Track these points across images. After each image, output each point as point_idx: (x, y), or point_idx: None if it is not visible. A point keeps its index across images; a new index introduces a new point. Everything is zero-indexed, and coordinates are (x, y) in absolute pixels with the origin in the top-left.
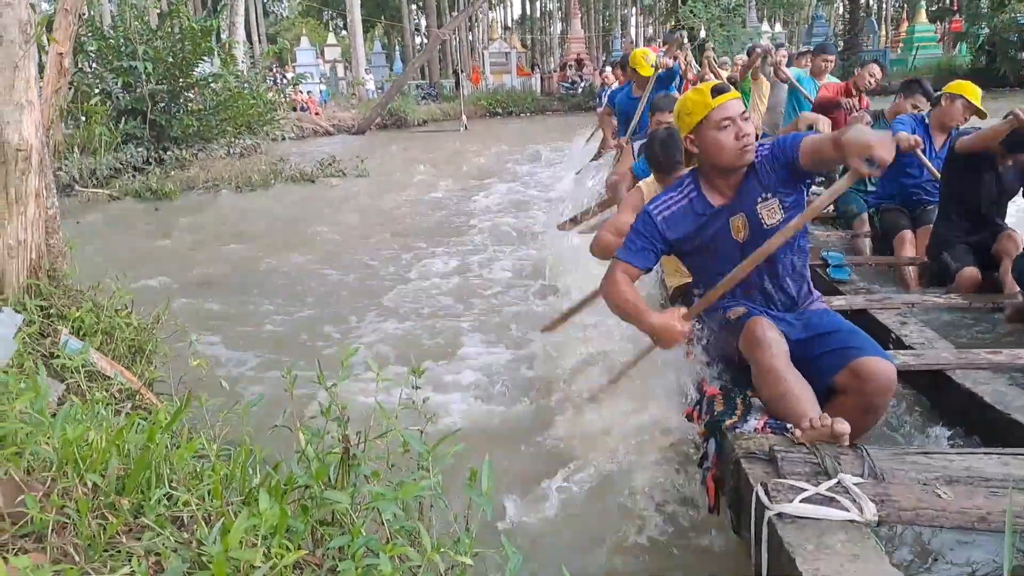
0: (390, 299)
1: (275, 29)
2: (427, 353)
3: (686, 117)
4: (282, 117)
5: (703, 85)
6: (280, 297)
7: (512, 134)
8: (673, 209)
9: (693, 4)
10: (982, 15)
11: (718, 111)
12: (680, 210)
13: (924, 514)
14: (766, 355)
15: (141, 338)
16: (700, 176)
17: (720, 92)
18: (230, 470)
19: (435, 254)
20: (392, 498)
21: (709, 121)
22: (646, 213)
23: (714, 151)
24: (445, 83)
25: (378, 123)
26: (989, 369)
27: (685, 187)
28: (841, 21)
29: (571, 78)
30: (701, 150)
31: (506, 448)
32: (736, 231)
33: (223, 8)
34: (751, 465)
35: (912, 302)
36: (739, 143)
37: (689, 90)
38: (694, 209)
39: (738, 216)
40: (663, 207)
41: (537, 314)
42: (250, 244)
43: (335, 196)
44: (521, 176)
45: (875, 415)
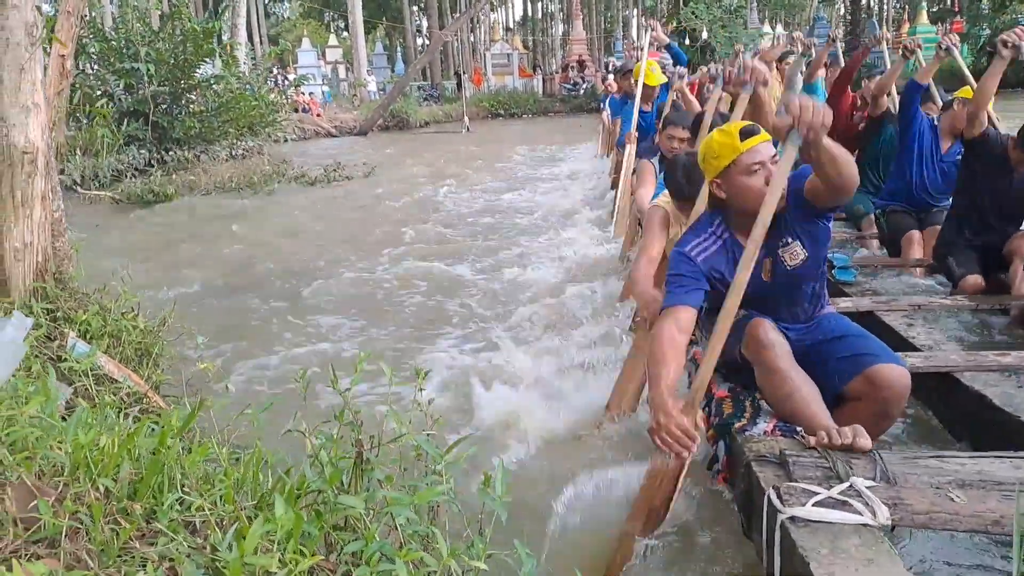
0: (399, 303)
1: (276, 30)
2: (431, 359)
3: (713, 161)
4: (284, 119)
5: (731, 126)
6: (285, 300)
7: (515, 135)
8: (710, 251)
9: (695, 5)
10: (983, 16)
11: (748, 155)
12: (717, 251)
13: (937, 518)
14: (770, 356)
15: (148, 341)
16: (728, 219)
17: (749, 135)
18: (241, 474)
19: (440, 258)
20: (408, 503)
21: (738, 166)
22: (683, 256)
23: (744, 197)
24: (447, 84)
25: (380, 124)
26: (998, 371)
27: (716, 228)
28: (842, 22)
29: (573, 79)
30: (729, 196)
31: (512, 449)
32: (765, 272)
33: (225, 10)
34: (762, 468)
35: (918, 304)
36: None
37: (715, 131)
38: (728, 252)
39: (767, 259)
40: (699, 249)
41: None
42: (253, 247)
43: (340, 199)
44: (529, 179)
45: (889, 421)
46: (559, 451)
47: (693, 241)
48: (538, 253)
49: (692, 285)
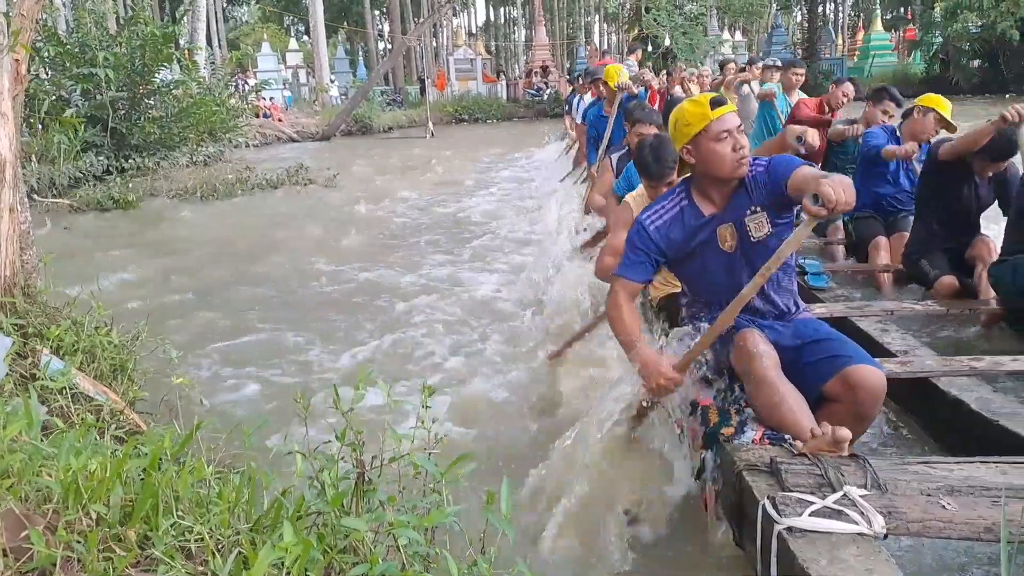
0: (370, 312)
1: (235, 34)
2: (413, 370)
3: (684, 128)
4: (245, 124)
5: (701, 97)
6: (254, 310)
7: (480, 140)
8: (665, 218)
9: (656, 13)
10: (935, 24)
11: (717, 123)
12: (671, 218)
13: (931, 526)
14: (759, 366)
15: (122, 356)
16: (692, 185)
17: (719, 104)
18: (235, 497)
19: (409, 265)
20: (416, 524)
21: (708, 133)
22: (639, 224)
23: (712, 162)
24: (411, 89)
25: (343, 129)
26: (972, 376)
27: (676, 196)
28: (800, 30)
29: (537, 85)
30: (698, 161)
31: (503, 465)
32: (723, 240)
33: (184, 14)
34: (754, 478)
35: (891, 309)
36: (736, 155)
37: (686, 101)
38: (684, 217)
39: (727, 226)
40: (655, 216)
41: (527, 328)
42: (219, 256)
43: (305, 205)
44: (496, 183)
45: (865, 422)
46: (556, 464)
47: (654, 207)
48: (511, 257)
49: (642, 258)
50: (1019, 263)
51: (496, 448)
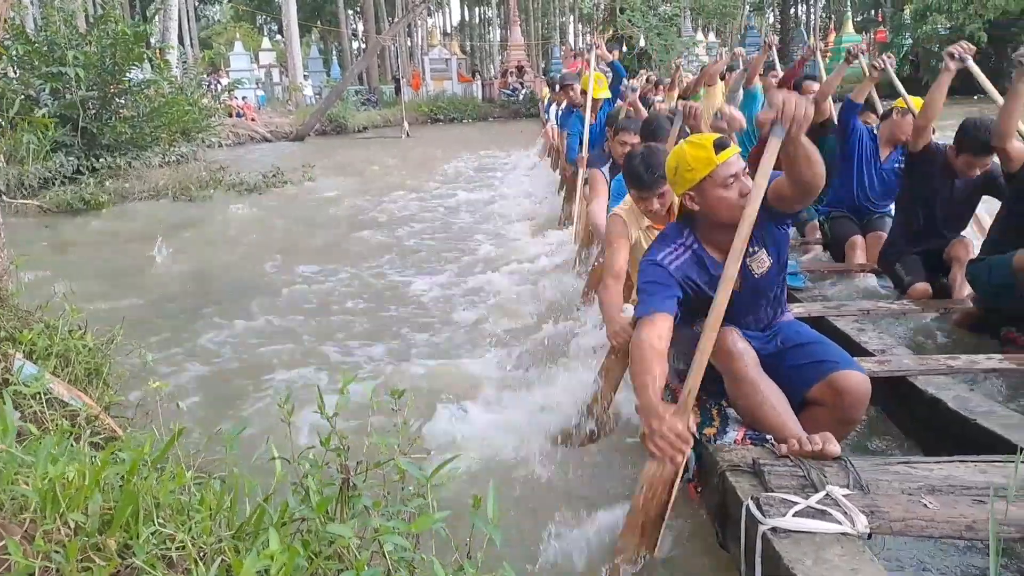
0: (350, 312)
1: (207, 33)
2: (395, 370)
3: (687, 173)
4: (218, 124)
5: (703, 139)
6: (231, 312)
7: (455, 140)
8: (682, 259)
9: (631, 14)
10: (905, 26)
11: (723, 168)
12: (688, 261)
13: (914, 525)
14: (739, 365)
15: (97, 360)
16: (697, 231)
17: (723, 147)
18: (216, 503)
19: (387, 264)
20: (404, 531)
21: (714, 179)
22: (655, 264)
23: (720, 209)
24: (385, 89)
25: (317, 129)
26: (949, 375)
27: (686, 239)
28: (772, 31)
29: (512, 85)
30: (703, 208)
31: (486, 468)
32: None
33: (155, 13)
34: (737, 478)
35: (867, 308)
36: (743, 200)
37: (685, 143)
38: (703, 264)
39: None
40: (671, 258)
41: (514, 329)
42: (193, 256)
43: (281, 206)
44: (473, 182)
45: (851, 425)
46: (542, 468)
47: (664, 251)
48: (487, 258)
49: (666, 292)
50: (995, 262)
51: (482, 449)
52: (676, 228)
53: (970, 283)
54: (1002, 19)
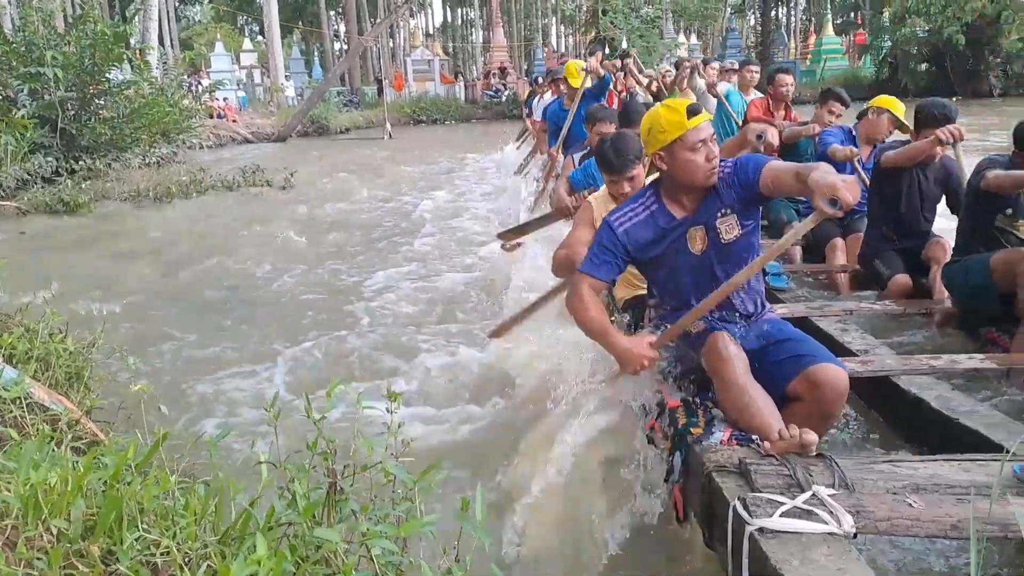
0: (331, 314)
1: (187, 34)
2: (374, 371)
3: (659, 135)
4: (199, 125)
5: (676, 103)
6: (214, 314)
7: (438, 142)
8: (634, 220)
9: (613, 16)
10: (884, 29)
11: (693, 132)
12: (641, 221)
13: (899, 524)
14: (729, 369)
15: (78, 364)
16: (661, 189)
17: (695, 113)
18: (202, 508)
19: (374, 265)
20: (392, 535)
21: (684, 142)
22: (607, 225)
23: (686, 171)
24: (367, 90)
25: (299, 130)
26: (931, 374)
27: (646, 199)
28: (753, 33)
29: (495, 86)
30: (670, 168)
31: (468, 468)
32: (693, 243)
33: (136, 13)
34: (724, 479)
35: (850, 309)
36: (709, 164)
37: (660, 106)
38: (655, 221)
39: (697, 228)
40: (624, 219)
41: (485, 325)
42: (175, 259)
43: (262, 207)
44: (454, 183)
45: (829, 421)
46: (513, 466)
47: (623, 210)
48: (478, 258)
49: (608, 258)
50: (970, 264)
51: (467, 449)
52: (643, 191)
53: (946, 286)
54: (979, 22)
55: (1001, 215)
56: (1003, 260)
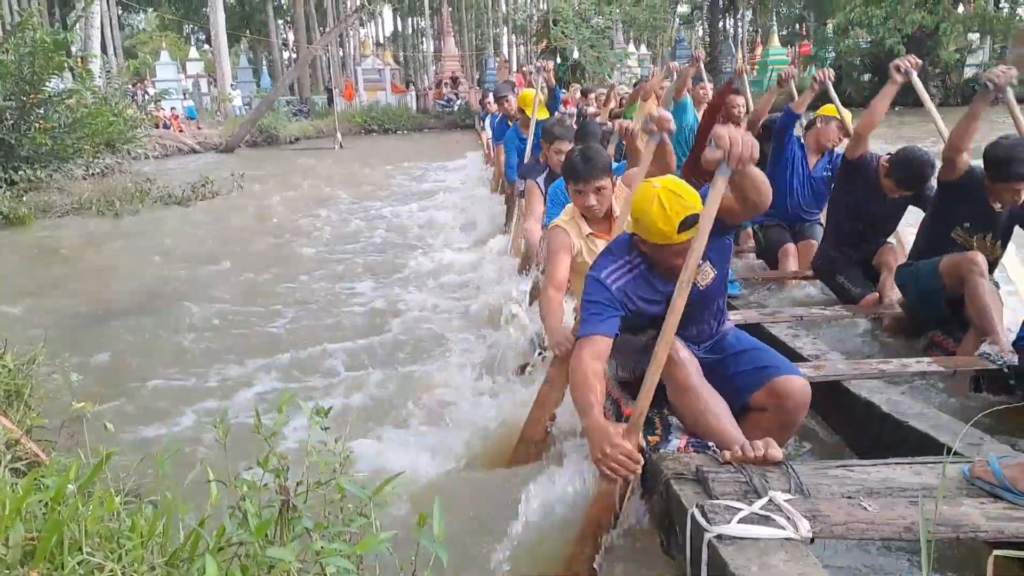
0: (282, 327)
1: (131, 42)
2: (332, 384)
3: (643, 232)
4: (144, 135)
5: (673, 212)
6: (159, 328)
7: (390, 152)
8: (627, 278)
9: (564, 26)
10: (828, 40)
11: (679, 246)
12: (633, 280)
13: (854, 528)
14: (682, 373)
15: (17, 381)
16: (644, 255)
17: (688, 227)
18: (148, 529)
19: (325, 277)
20: (349, 553)
21: (667, 249)
22: (599, 282)
23: (663, 265)
24: (317, 99)
25: (248, 140)
26: (881, 379)
27: (633, 259)
28: (701, 44)
29: (447, 96)
30: (649, 254)
31: (433, 482)
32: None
33: (77, 20)
34: (681, 486)
35: (800, 315)
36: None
37: (657, 200)
38: (650, 282)
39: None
40: (616, 276)
41: (450, 339)
42: (120, 272)
43: (211, 218)
44: (408, 195)
45: (791, 430)
46: (479, 482)
47: (609, 267)
48: (425, 272)
49: (607, 313)
50: (921, 268)
51: (424, 463)
52: (623, 245)
53: (899, 288)
54: (919, 33)
55: (958, 227)
56: (952, 265)
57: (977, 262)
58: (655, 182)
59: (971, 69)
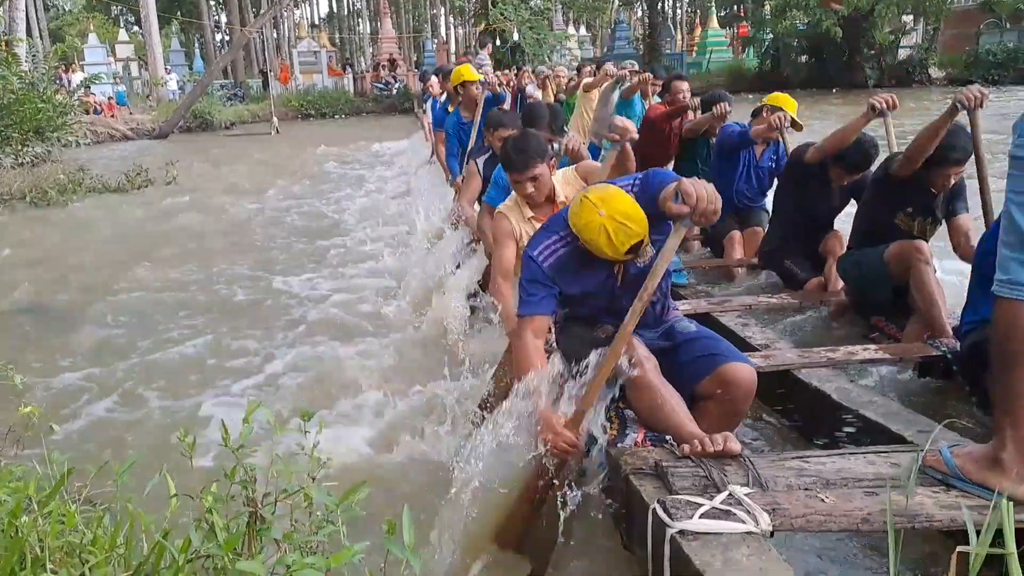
0: (228, 323)
1: (57, 24)
2: (285, 383)
3: (589, 241)
4: (74, 121)
5: (624, 237)
6: (103, 326)
7: (328, 137)
8: (557, 255)
9: (503, 7)
10: (766, 21)
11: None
12: (564, 257)
13: (813, 520)
14: (640, 372)
15: None
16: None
17: (634, 252)
18: (110, 543)
19: (268, 268)
20: (323, 566)
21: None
22: (531, 260)
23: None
24: (252, 83)
25: (182, 126)
26: (829, 367)
27: (567, 234)
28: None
29: (385, 79)
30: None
31: (386, 482)
32: (620, 278)
33: (0, 2)
34: (641, 482)
35: (749, 304)
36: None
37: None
38: (580, 258)
39: (618, 265)
40: (547, 253)
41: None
42: (57, 267)
43: (147, 209)
44: (345, 182)
45: (738, 418)
46: (429, 474)
47: (542, 243)
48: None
49: (541, 293)
50: (862, 256)
51: (388, 465)
52: (560, 220)
53: (842, 277)
54: (854, 15)
55: (901, 212)
56: (897, 253)
57: (923, 250)
58: (600, 208)
59: (905, 51)
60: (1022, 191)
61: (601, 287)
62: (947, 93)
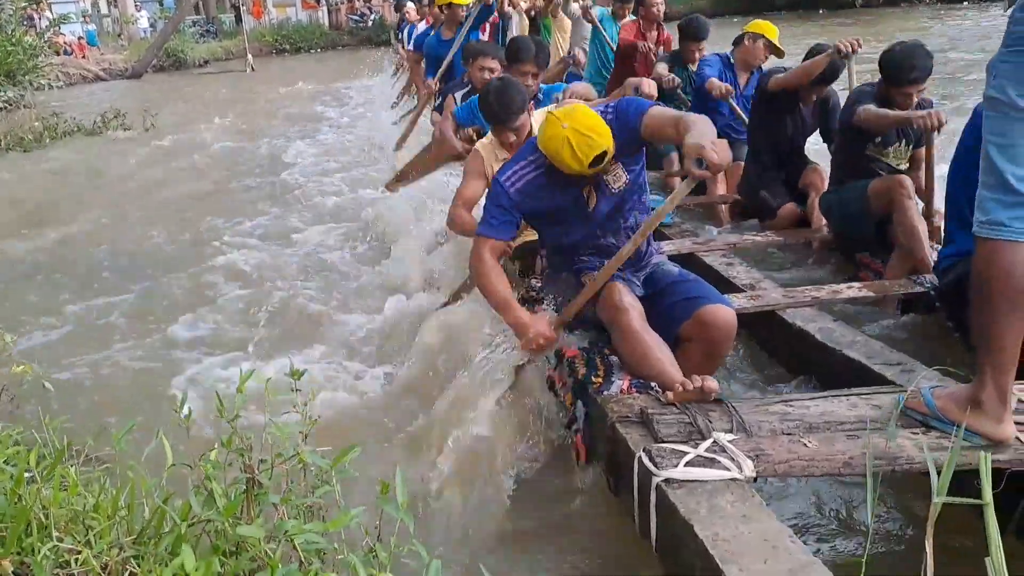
0: (215, 272)
1: None
2: (272, 339)
3: (553, 155)
4: (45, 64)
5: (588, 150)
6: (88, 278)
7: (304, 73)
8: (526, 179)
9: None
10: None
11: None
12: (533, 180)
13: (796, 465)
14: (625, 319)
15: None
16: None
17: (598, 163)
18: (111, 508)
19: (253, 215)
20: (321, 530)
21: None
22: (499, 184)
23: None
24: (224, 18)
25: (154, 65)
26: (814, 306)
27: (537, 157)
28: None
29: (360, 11)
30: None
31: (371, 437)
32: (589, 200)
33: None
34: (627, 429)
35: (733, 242)
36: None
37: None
38: (548, 180)
39: (587, 186)
40: (515, 178)
41: (376, 279)
42: (40, 218)
43: (126, 154)
44: (328, 120)
45: (718, 360)
46: (417, 432)
47: (511, 168)
48: (347, 204)
49: (504, 217)
50: (844, 192)
51: (379, 420)
52: (531, 145)
53: (824, 214)
54: None
55: (871, 143)
56: (879, 188)
57: (905, 184)
58: (563, 121)
59: None
60: (1000, 132)
61: (573, 207)
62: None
